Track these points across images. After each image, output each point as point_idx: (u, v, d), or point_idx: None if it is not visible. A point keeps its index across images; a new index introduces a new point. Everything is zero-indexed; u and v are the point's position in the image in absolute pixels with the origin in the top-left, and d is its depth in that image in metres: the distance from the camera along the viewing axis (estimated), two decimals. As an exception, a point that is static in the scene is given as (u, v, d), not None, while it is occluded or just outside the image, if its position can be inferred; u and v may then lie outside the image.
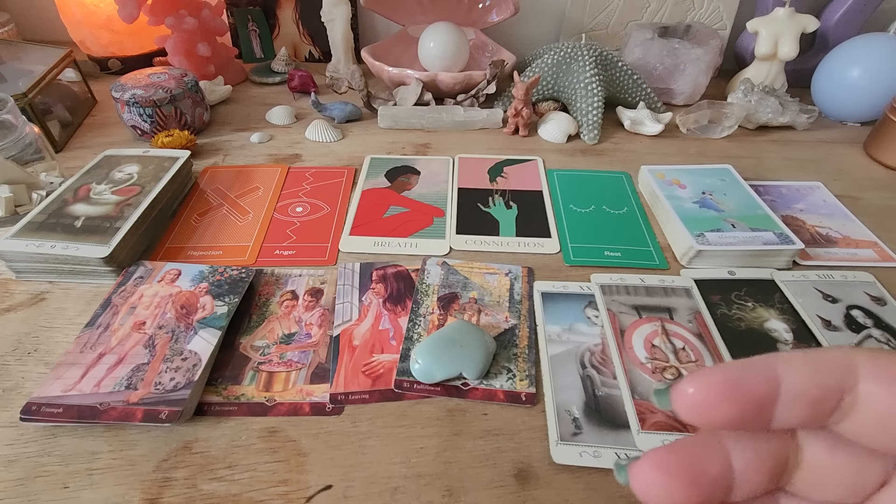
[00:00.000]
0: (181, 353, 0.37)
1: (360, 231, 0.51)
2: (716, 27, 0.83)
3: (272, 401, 0.35)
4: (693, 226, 0.48)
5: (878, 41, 0.68)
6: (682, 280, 0.45)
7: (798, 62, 0.79)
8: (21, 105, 0.56)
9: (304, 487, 0.31)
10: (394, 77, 0.73)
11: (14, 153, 0.51)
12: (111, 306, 0.41)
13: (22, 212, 0.50)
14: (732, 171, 0.57)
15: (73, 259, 0.42)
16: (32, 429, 0.33)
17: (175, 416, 0.33)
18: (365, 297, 0.43)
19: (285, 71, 0.82)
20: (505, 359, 0.38)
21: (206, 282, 0.43)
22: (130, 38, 0.78)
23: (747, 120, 0.71)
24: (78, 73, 0.71)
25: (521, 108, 0.66)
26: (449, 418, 0.35)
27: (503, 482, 0.31)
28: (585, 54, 0.68)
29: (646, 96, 0.73)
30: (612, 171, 0.62)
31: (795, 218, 0.54)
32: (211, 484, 0.31)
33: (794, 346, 0.40)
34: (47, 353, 0.38)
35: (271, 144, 0.66)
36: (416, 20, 0.83)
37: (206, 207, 0.54)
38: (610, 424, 0.34)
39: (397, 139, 0.68)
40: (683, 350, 0.39)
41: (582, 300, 0.43)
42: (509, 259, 0.48)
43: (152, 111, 0.61)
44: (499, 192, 0.57)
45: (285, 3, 0.85)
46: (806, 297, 0.44)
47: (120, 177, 0.51)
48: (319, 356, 0.39)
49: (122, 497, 0.30)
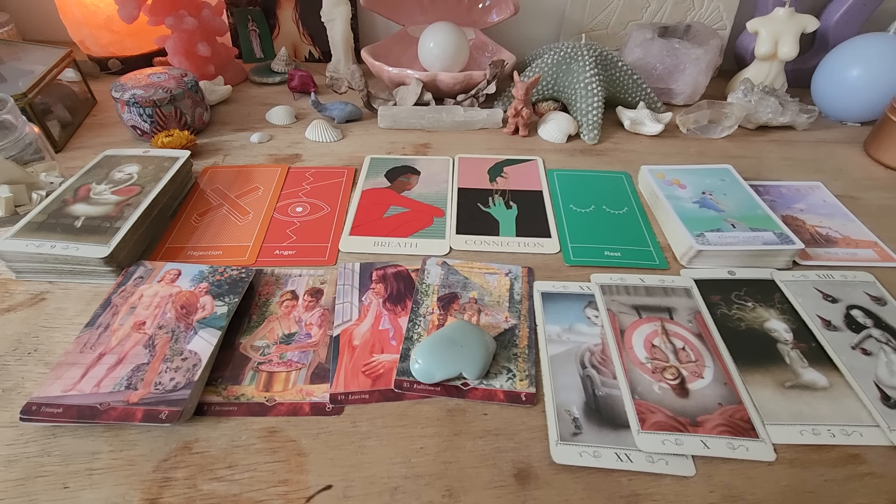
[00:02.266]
0: (181, 353, 0.37)
1: (360, 231, 0.51)
2: (716, 27, 0.83)
3: (272, 401, 0.35)
4: (693, 226, 0.48)
5: (878, 41, 0.68)
6: (682, 280, 0.45)
7: (798, 62, 0.79)
8: (21, 105, 0.56)
9: (304, 487, 0.31)
10: (394, 77, 0.73)
11: (14, 153, 0.51)
12: (111, 306, 0.41)
13: (22, 212, 0.50)
14: (732, 171, 0.57)
15: (73, 259, 0.42)
16: (32, 429, 0.33)
17: (175, 416, 0.33)
18: (365, 297, 0.43)
19: (285, 71, 0.82)
20: (505, 359, 0.38)
21: (206, 282, 0.43)
22: (130, 38, 0.78)
23: (747, 120, 0.71)
24: (78, 73, 0.71)
25: (521, 108, 0.66)
26: (449, 418, 0.35)
27: (503, 482, 0.31)
28: (585, 54, 0.68)
29: (646, 96, 0.73)
30: (612, 171, 0.62)
31: (795, 218, 0.54)
32: (211, 484, 0.31)
33: (794, 345, 0.40)
34: (47, 353, 0.38)
35: (271, 144, 0.66)
36: (416, 20, 0.83)
37: (206, 207, 0.54)
38: (610, 424, 0.34)
39: (397, 139, 0.68)
40: (683, 350, 0.39)
41: (582, 300, 0.43)
42: (509, 259, 0.48)
43: (152, 111, 0.61)
44: (499, 192, 0.57)
45: (285, 3, 0.85)
46: (806, 296, 0.44)
47: (120, 177, 0.51)
48: (319, 356, 0.39)
49: (122, 497, 0.30)
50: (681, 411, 0.35)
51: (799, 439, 0.34)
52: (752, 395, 0.36)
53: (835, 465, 0.33)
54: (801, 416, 0.35)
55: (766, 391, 0.36)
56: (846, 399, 0.36)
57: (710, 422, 0.34)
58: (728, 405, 0.35)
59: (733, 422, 0.34)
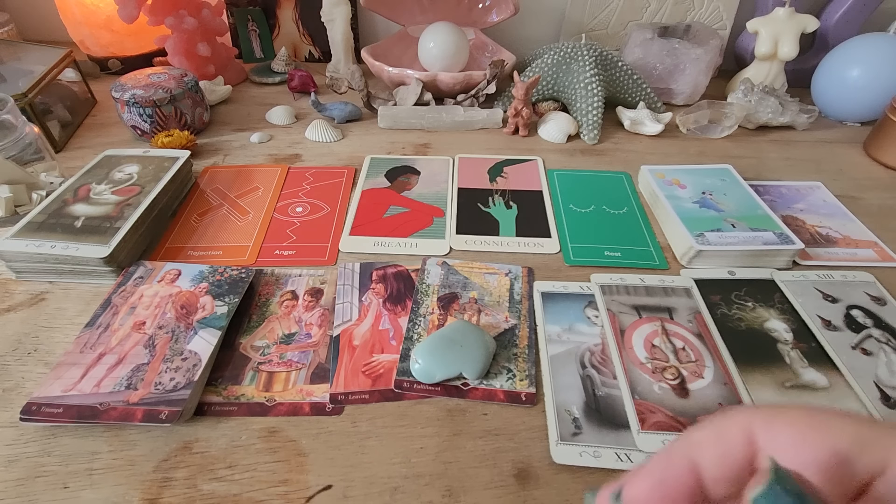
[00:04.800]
0: (181, 353, 0.37)
1: (360, 231, 0.51)
2: (716, 27, 0.83)
3: (272, 401, 0.35)
4: (693, 226, 0.48)
5: (878, 41, 0.68)
6: (682, 280, 0.45)
7: (798, 62, 0.79)
8: (21, 105, 0.56)
9: (304, 487, 0.31)
10: (394, 77, 0.73)
11: (14, 153, 0.51)
12: (111, 306, 0.41)
13: (22, 212, 0.50)
14: (732, 171, 0.57)
15: (73, 259, 0.42)
16: (32, 429, 0.33)
17: (175, 416, 0.33)
18: (365, 297, 0.43)
19: (285, 71, 0.82)
20: (505, 359, 0.38)
21: (206, 282, 0.43)
22: (130, 38, 0.78)
23: (747, 120, 0.71)
24: (78, 73, 0.71)
25: (521, 108, 0.66)
26: (449, 418, 0.35)
27: (503, 482, 0.31)
28: (585, 54, 0.68)
29: (646, 96, 0.73)
30: (612, 171, 0.62)
31: (795, 218, 0.54)
32: (211, 484, 0.31)
33: (794, 345, 0.40)
34: (47, 353, 0.38)
35: (271, 144, 0.66)
36: (416, 20, 0.83)
37: (206, 207, 0.54)
38: (610, 424, 0.34)
39: (397, 139, 0.68)
40: (683, 350, 0.39)
41: (582, 300, 0.43)
42: (509, 259, 0.48)
43: (152, 111, 0.61)
44: (499, 192, 0.57)
45: (285, 3, 0.85)
46: (806, 296, 0.44)
47: (120, 177, 0.51)
48: (319, 356, 0.39)
49: (122, 497, 0.30)
50: (681, 411, 0.35)
51: (799, 439, 0.34)
52: (752, 395, 0.36)
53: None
54: (801, 416, 0.35)
55: (766, 391, 0.36)
56: (846, 399, 0.36)
57: (710, 422, 0.34)
58: (728, 405, 0.35)
59: (733, 422, 0.34)
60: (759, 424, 0.14)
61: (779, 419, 0.14)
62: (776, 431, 0.14)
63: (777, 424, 0.14)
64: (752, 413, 0.14)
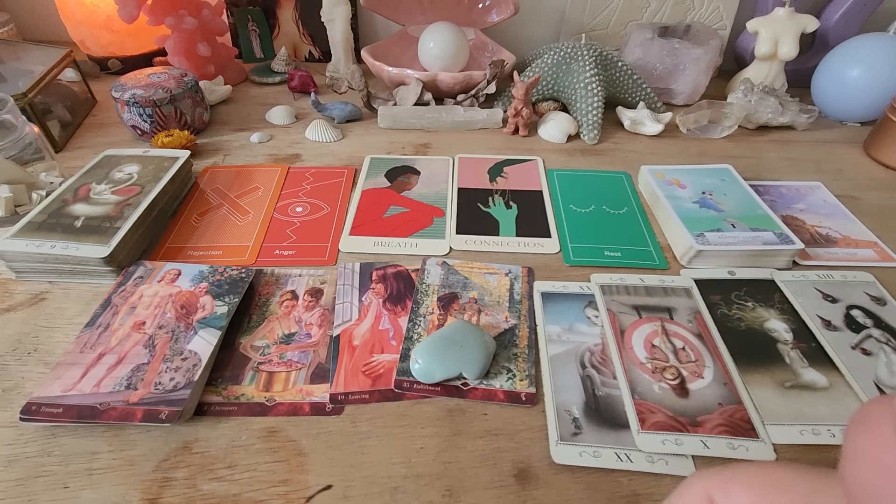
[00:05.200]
0: (181, 353, 0.37)
1: (360, 231, 0.51)
2: (716, 27, 0.83)
3: (272, 401, 0.35)
4: (693, 226, 0.48)
5: (878, 41, 0.68)
6: (682, 280, 0.45)
7: (798, 62, 0.79)
8: (21, 105, 0.56)
9: (304, 487, 0.31)
10: (394, 77, 0.73)
11: (14, 153, 0.51)
12: (111, 306, 0.41)
13: (22, 212, 0.50)
14: (732, 171, 0.57)
15: (73, 259, 0.42)
16: (32, 429, 0.33)
17: (175, 416, 0.33)
18: (365, 297, 0.43)
19: (285, 71, 0.82)
20: (505, 359, 0.38)
21: (206, 282, 0.43)
22: (130, 38, 0.78)
23: (747, 120, 0.71)
24: (78, 73, 0.71)
25: (521, 108, 0.66)
26: (449, 418, 0.35)
27: (503, 482, 0.31)
28: (585, 54, 0.68)
29: (646, 96, 0.73)
30: (612, 171, 0.62)
31: (795, 218, 0.54)
32: (211, 484, 0.31)
33: (794, 345, 0.40)
34: (47, 353, 0.38)
35: (271, 144, 0.66)
36: (416, 20, 0.83)
37: (206, 207, 0.54)
38: (610, 424, 0.34)
39: (397, 139, 0.68)
40: (683, 350, 0.39)
41: (582, 300, 0.43)
42: (509, 259, 0.48)
43: (152, 111, 0.61)
44: (499, 192, 0.57)
45: (285, 3, 0.85)
46: (806, 297, 0.44)
47: (120, 177, 0.51)
48: (319, 356, 0.39)
49: (122, 497, 0.30)
50: (681, 411, 0.35)
51: (799, 439, 0.34)
52: (751, 395, 0.36)
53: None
54: (801, 417, 0.35)
55: (766, 391, 0.36)
56: (846, 399, 0.36)
57: (710, 422, 0.34)
58: (728, 405, 0.35)
59: (733, 422, 0.34)
60: (715, 489, 0.14)
61: (734, 482, 0.14)
62: (734, 495, 0.14)
63: (733, 487, 0.14)
64: (706, 478, 0.15)
